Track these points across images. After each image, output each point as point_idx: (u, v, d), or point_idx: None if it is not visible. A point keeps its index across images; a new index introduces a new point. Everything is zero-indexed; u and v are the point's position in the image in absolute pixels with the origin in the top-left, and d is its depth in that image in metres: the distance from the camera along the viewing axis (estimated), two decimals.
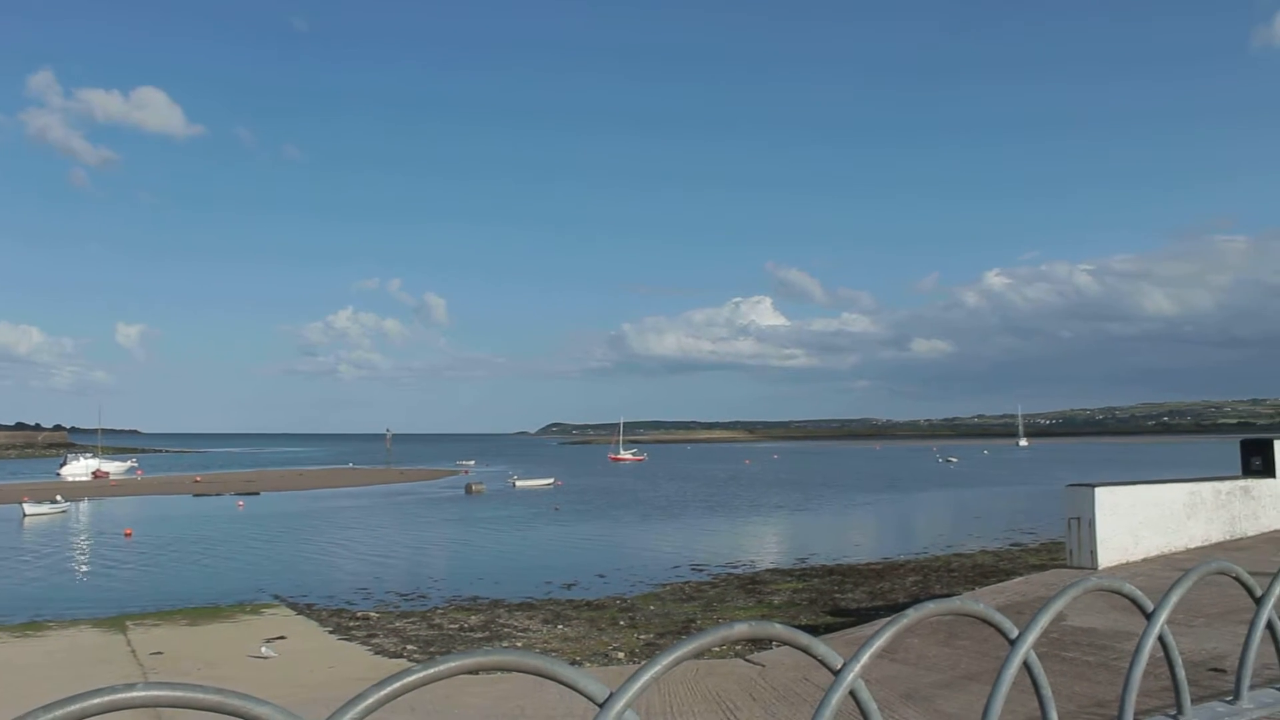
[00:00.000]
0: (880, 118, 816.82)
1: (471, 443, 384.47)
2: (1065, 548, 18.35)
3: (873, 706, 1.57)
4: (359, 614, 28.01)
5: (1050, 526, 45.86)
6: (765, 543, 48.18)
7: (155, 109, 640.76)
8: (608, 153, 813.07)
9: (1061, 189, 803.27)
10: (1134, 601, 1.85)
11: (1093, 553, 17.28)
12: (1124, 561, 17.45)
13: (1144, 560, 17.69)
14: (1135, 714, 1.87)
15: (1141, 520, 18.08)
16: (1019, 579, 19.10)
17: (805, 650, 1.58)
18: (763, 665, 12.16)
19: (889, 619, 1.67)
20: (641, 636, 23.67)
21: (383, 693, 1.26)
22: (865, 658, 1.55)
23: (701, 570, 36.73)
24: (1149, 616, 1.84)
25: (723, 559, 40.01)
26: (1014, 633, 1.72)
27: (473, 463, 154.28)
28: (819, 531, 52.84)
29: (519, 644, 23.08)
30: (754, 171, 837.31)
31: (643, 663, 1.47)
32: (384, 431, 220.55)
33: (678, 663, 1.44)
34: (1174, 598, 1.86)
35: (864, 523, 58.86)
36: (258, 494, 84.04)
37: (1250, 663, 1.90)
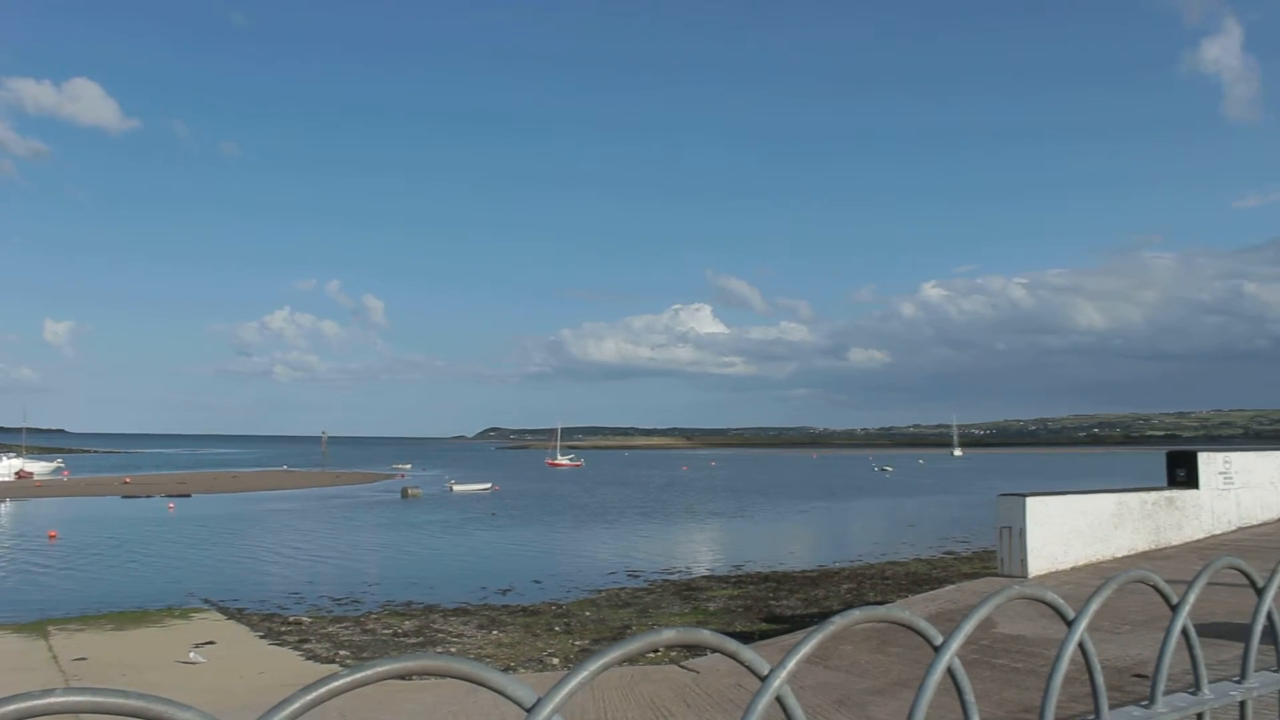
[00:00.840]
0: (819, 129, 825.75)
1: (408, 446, 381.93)
2: (997, 556, 18.58)
3: (799, 713, 1.56)
4: (291, 619, 27.64)
5: (983, 535, 46.44)
6: (701, 549, 48.26)
7: (89, 101, 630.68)
8: (551, 158, 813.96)
9: (997, 203, 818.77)
10: (1056, 609, 1.86)
11: (1023, 561, 17.51)
12: (1053, 570, 17.70)
13: (1072, 569, 17.95)
14: (1056, 719, 1.87)
15: (1071, 530, 18.36)
16: (951, 587, 19.32)
17: (733, 656, 1.56)
18: (697, 671, 12.18)
19: (816, 626, 1.66)
20: (576, 643, 23.61)
21: (308, 698, 1.22)
22: (791, 664, 1.54)
23: (637, 576, 36.72)
24: (1070, 624, 1.85)
25: (659, 565, 40.05)
26: (939, 639, 1.72)
27: (409, 466, 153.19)
28: (755, 538, 53.05)
29: (453, 649, 22.93)
30: (695, 179, 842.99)
31: (572, 668, 1.44)
32: (319, 434, 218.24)
33: (605, 668, 1.41)
34: (1093, 605, 1.87)
35: (800, 530, 59.20)
36: (189, 496, 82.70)
37: (1165, 668, 1.94)
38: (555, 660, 21.38)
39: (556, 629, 25.68)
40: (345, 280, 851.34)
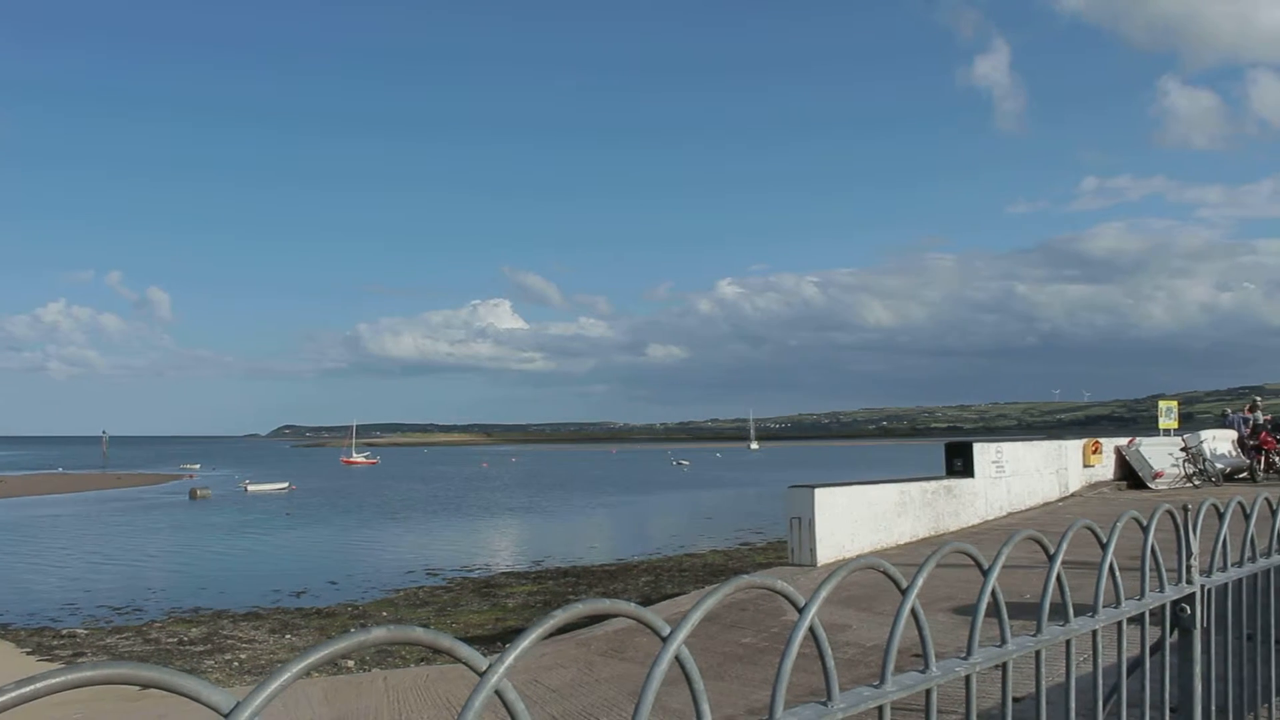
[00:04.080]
0: (611, 123, 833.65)
1: (197, 445, 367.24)
2: (788, 546, 19.17)
3: (520, 707, 1.60)
4: (64, 632, 26.16)
5: (777, 526, 47.55)
6: (501, 546, 48.10)
7: None
8: (344, 154, 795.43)
9: (790, 199, 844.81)
10: (786, 597, 1.98)
11: (812, 550, 18.12)
12: (840, 558, 18.37)
13: (858, 556, 18.66)
14: (788, 704, 1.99)
15: (857, 519, 19.11)
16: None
17: (449, 653, 1.59)
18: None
19: (537, 620, 1.71)
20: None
21: None
22: (510, 659, 1.58)
23: (437, 574, 36.31)
24: (800, 611, 1.98)
25: (458, 562, 39.69)
26: (666, 631, 1.80)
27: (198, 466, 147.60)
28: (554, 534, 53.19)
29: (243, 655, 22.19)
30: (490, 174, 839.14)
31: (275, 668, 1.41)
32: (100, 433, 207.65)
33: (309, 669, 1.41)
34: (823, 593, 2.00)
35: (599, 525, 59.63)
36: None
37: (895, 649, 2.09)
38: (350, 663, 20.96)
39: (352, 630, 25.13)
40: (127, 272, 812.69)
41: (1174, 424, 33.07)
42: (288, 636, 24.52)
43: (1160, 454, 29.06)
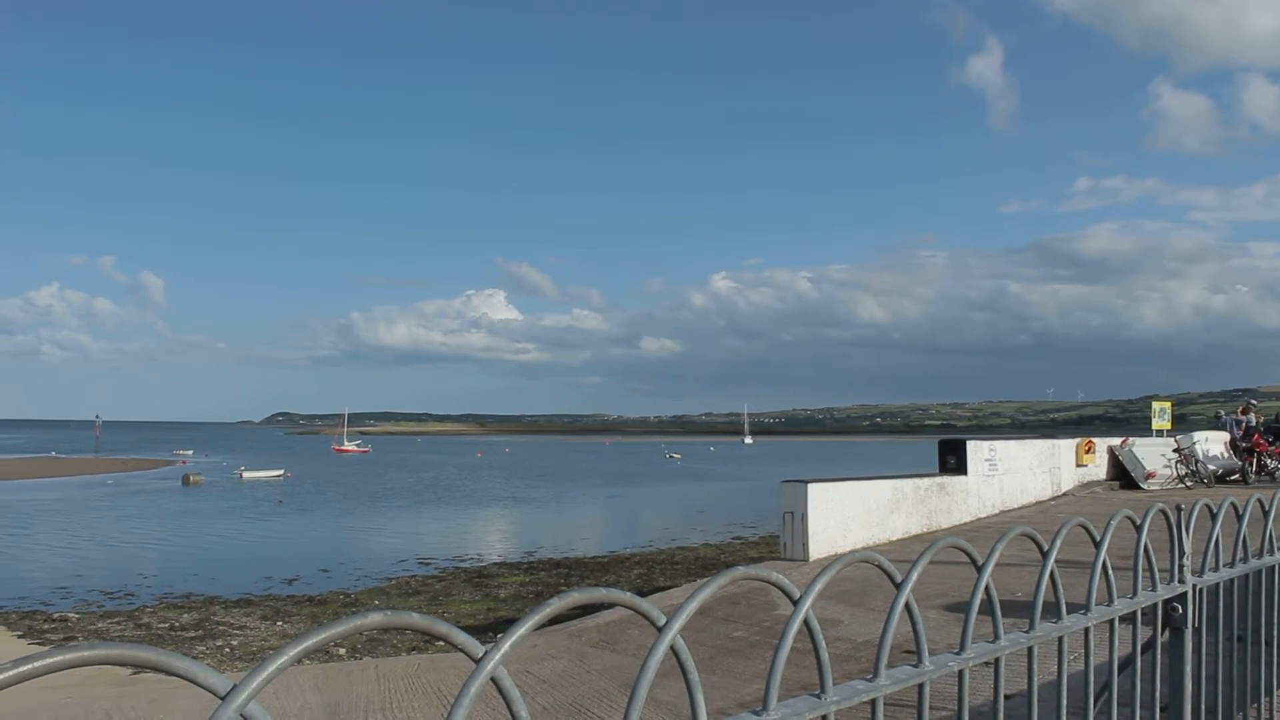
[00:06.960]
0: (605, 116, 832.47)
1: (190, 431, 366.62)
2: (780, 541, 19.17)
3: (515, 694, 1.59)
4: (55, 615, 26.13)
5: (770, 520, 47.62)
6: (493, 536, 48.11)
7: None
8: (334, 145, 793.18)
9: (783, 196, 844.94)
10: (781, 589, 2.00)
11: (805, 545, 18.12)
12: (833, 553, 18.38)
13: (851, 551, 18.68)
14: (780, 696, 2.01)
15: (850, 514, 19.11)
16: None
17: (445, 639, 1.58)
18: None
19: (533, 608, 1.71)
20: (365, 633, 23.17)
21: None
22: (506, 646, 1.57)
23: (428, 564, 36.31)
24: (795, 603, 1.99)
25: (450, 552, 39.69)
26: (661, 620, 1.81)
27: (190, 452, 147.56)
28: (547, 525, 53.17)
29: (234, 642, 22.19)
30: (484, 167, 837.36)
31: (269, 652, 1.41)
32: (93, 418, 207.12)
33: (306, 653, 1.41)
34: (818, 586, 2.01)
35: (591, 516, 59.61)
36: None
37: (888, 642, 2.10)
38: (342, 651, 20.96)
39: (348, 615, 25.13)
40: (120, 256, 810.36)
41: (1167, 425, 33.12)
42: (279, 624, 24.52)
43: (1153, 454, 29.10)
